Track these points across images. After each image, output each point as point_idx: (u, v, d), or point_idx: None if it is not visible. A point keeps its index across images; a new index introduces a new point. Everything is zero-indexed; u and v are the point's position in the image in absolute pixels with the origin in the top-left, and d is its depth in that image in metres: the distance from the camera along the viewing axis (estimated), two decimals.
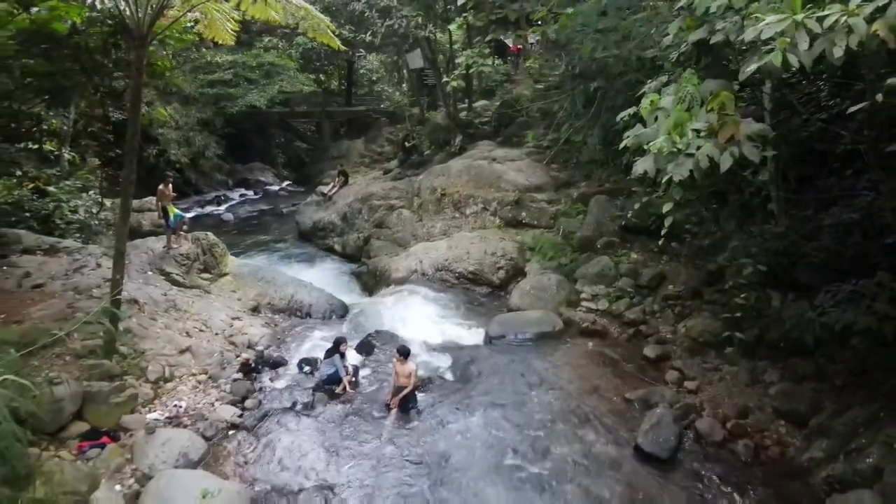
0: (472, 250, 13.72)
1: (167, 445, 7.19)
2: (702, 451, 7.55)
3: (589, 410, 8.28)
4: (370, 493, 6.79)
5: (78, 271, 10.97)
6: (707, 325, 9.81)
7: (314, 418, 8.24)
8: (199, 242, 12.47)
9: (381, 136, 30.84)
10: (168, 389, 8.72)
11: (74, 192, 14.64)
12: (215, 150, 27.92)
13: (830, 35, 4.12)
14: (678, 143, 5.44)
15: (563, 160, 16.36)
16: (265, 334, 10.87)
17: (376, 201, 18.45)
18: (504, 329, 10.59)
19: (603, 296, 11.28)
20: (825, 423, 7.43)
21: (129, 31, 8.08)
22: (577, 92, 12.77)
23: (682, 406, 8.19)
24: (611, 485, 6.92)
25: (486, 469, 7.12)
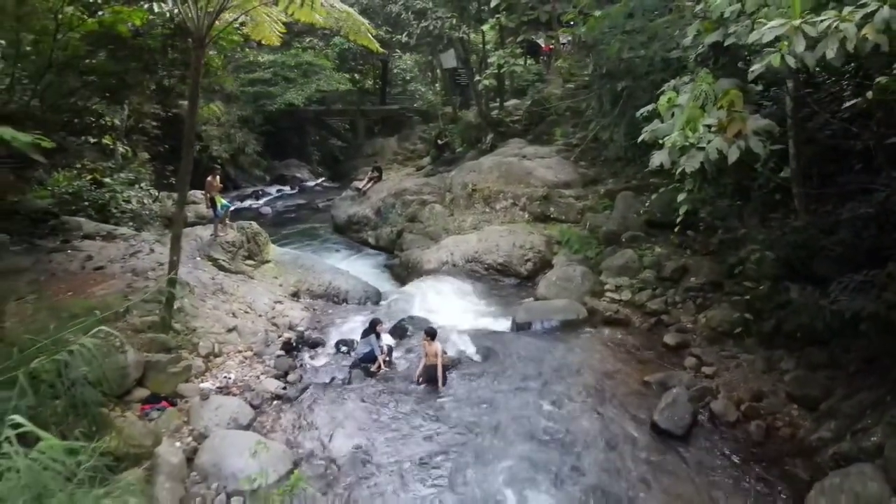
0: (501, 243, 14.27)
1: (219, 410, 7.91)
2: (715, 430, 7.99)
3: (609, 391, 8.77)
4: (400, 457, 7.39)
5: (134, 256, 11.82)
6: (726, 316, 10.19)
7: (351, 392, 8.89)
8: (243, 231, 13.28)
9: (413, 135, 31.49)
10: (217, 363, 9.47)
11: (127, 183, 15.61)
12: (254, 146, 28.89)
13: (825, 39, 4.57)
14: (690, 137, 5.92)
15: (591, 157, 16.80)
16: (305, 317, 11.59)
17: (409, 196, 19.09)
18: (530, 316, 11.12)
19: (626, 287, 11.71)
20: (834, 406, 7.79)
21: (188, 33, 8.83)
22: (604, 91, 13.22)
23: (698, 389, 8.62)
24: (627, 456, 7.41)
25: (509, 437, 7.68)
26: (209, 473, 6.88)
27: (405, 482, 6.97)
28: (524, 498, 6.75)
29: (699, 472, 7.23)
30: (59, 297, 9.18)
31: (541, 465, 7.24)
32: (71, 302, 8.59)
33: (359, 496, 6.79)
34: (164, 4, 10.16)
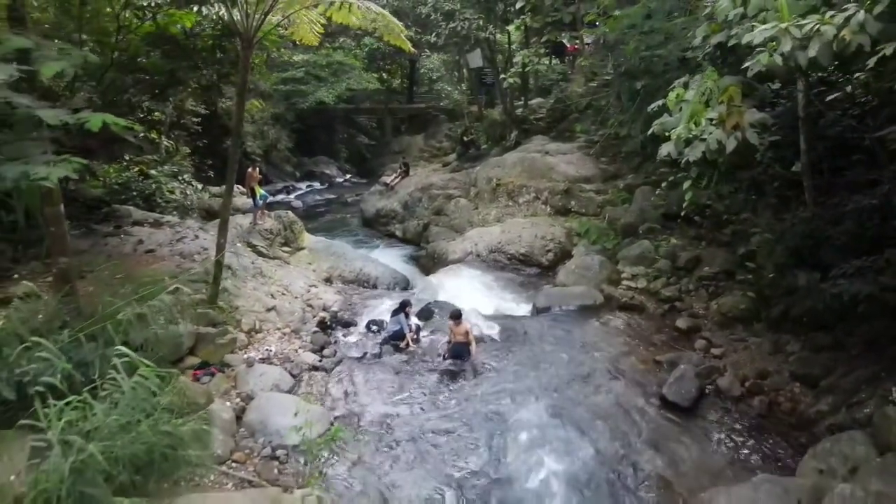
0: (523, 234, 14.91)
1: (263, 377, 8.71)
2: (720, 403, 8.56)
3: (622, 368, 9.38)
4: (425, 422, 8.10)
5: (180, 241, 12.71)
6: (737, 302, 10.71)
7: (381, 365, 9.64)
8: (280, 220, 14.14)
9: (440, 132, 32.23)
10: (259, 338, 10.28)
11: (171, 175, 16.59)
12: (286, 143, 29.89)
13: (811, 40, 5.16)
14: (694, 130, 6.53)
15: (611, 154, 17.36)
16: (337, 300, 12.37)
17: (435, 191, 19.83)
18: (549, 301, 11.76)
19: (642, 275, 12.28)
20: (833, 383, 8.31)
21: (237, 34, 9.63)
22: (623, 89, 13.79)
23: (706, 367, 9.19)
24: (636, 424, 8.03)
25: (526, 408, 8.33)
26: (256, 429, 7.66)
27: (429, 444, 7.67)
28: (540, 460, 7.38)
29: (703, 438, 7.83)
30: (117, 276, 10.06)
31: (556, 432, 7.87)
32: (133, 276, 9.43)
33: (386, 458, 7.50)
34: (212, 7, 10.99)
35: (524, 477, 7.06)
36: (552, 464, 7.26)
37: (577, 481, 6.98)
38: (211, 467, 6.17)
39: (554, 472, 7.09)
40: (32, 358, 5.09)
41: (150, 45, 10.65)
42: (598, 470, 7.16)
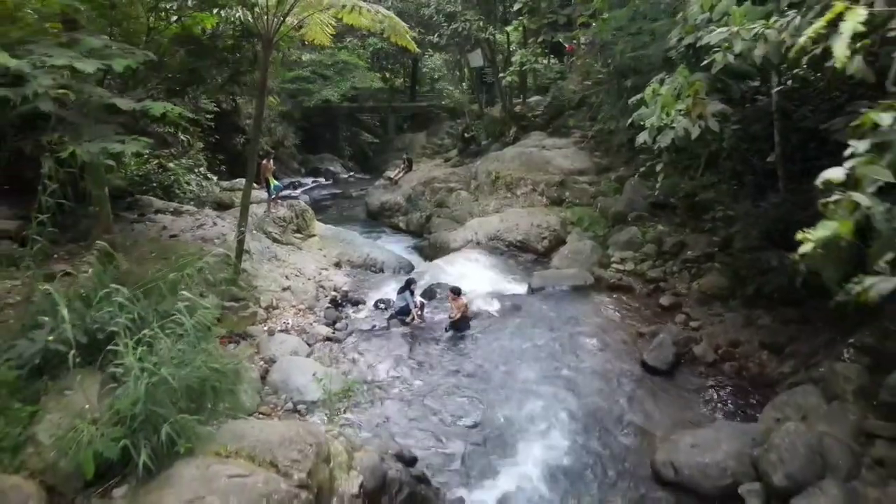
0: (520, 223, 15.86)
1: (283, 344, 9.66)
2: (695, 368, 9.52)
3: (608, 339, 10.34)
4: (430, 384, 9.06)
5: (200, 227, 13.64)
6: (716, 282, 11.64)
7: (389, 337, 10.61)
8: (292, 208, 15.09)
9: (441, 130, 33.16)
10: (276, 314, 11.22)
11: (187, 168, 17.52)
12: (293, 140, 30.81)
13: (758, 42, 6.10)
14: (665, 120, 7.47)
15: (604, 148, 18.30)
16: (347, 281, 13.33)
17: (437, 184, 20.78)
18: (543, 282, 12.71)
19: (630, 259, 13.21)
20: (796, 350, 9.25)
21: (256, 35, 10.55)
22: (612, 87, 14.72)
23: (684, 337, 10.13)
24: (621, 386, 8.99)
25: (520, 371, 9.29)
26: (279, 388, 8.60)
27: (434, 399, 8.64)
28: (531, 414, 8.33)
29: (678, 397, 8.78)
30: (151, 254, 11.01)
31: (547, 390, 8.84)
32: (165, 254, 10.37)
33: (396, 410, 8.44)
34: (232, 10, 11.91)
35: (519, 425, 8.00)
36: (543, 415, 8.20)
37: (565, 430, 7.92)
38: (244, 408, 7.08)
39: (545, 421, 8.03)
40: (99, 309, 6.03)
41: (175, 45, 11.56)
42: (585, 420, 8.10)
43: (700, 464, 6.80)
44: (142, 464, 5.12)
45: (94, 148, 5.24)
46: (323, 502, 5.65)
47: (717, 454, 6.83)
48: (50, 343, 5.57)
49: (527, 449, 7.56)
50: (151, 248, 10.68)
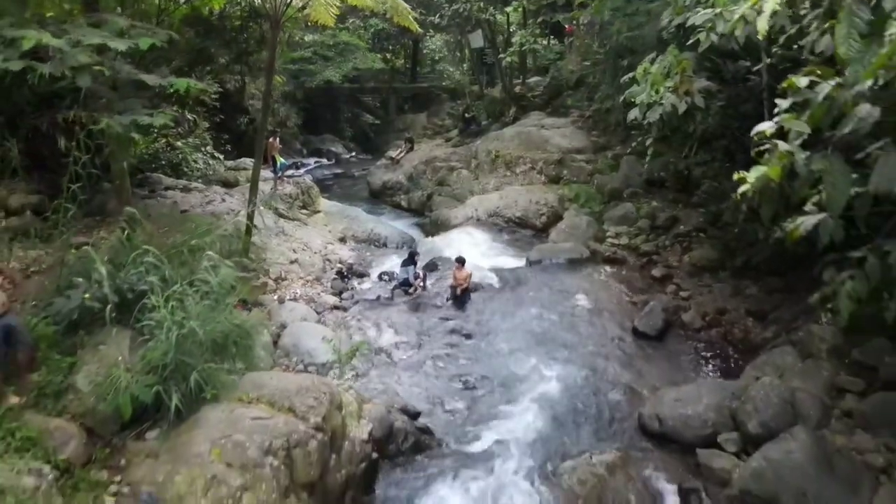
0: (519, 200, 16.34)
1: (293, 311, 10.19)
2: (683, 334, 10.06)
3: (602, 307, 10.86)
4: (433, 348, 9.60)
5: (210, 203, 14.12)
6: (706, 254, 12.14)
7: (393, 306, 11.14)
8: (298, 185, 15.56)
9: (442, 111, 33.41)
10: (285, 285, 11.73)
11: (194, 147, 17.95)
12: (295, 120, 31.12)
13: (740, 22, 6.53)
14: (654, 97, 7.92)
15: (602, 127, 18.74)
16: (352, 255, 13.84)
17: (439, 164, 21.17)
18: (541, 255, 13.22)
19: (624, 233, 13.71)
20: (779, 316, 9.78)
21: (264, 15, 10.94)
22: (609, 67, 15.13)
23: (673, 305, 10.67)
24: (612, 349, 9.54)
25: (518, 336, 9.83)
26: (290, 351, 9.14)
27: (436, 360, 9.20)
28: (527, 374, 8.87)
29: (665, 359, 9.34)
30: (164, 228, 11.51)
31: (543, 352, 9.38)
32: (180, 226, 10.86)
33: (401, 371, 8.99)
34: None
35: (515, 384, 8.55)
36: (539, 375, 8.76)
37: (559, 388, 8.46)
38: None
39: (540, 381, 8.58)
40: (129, 271, 6.56)
41: (184, 25, 11.97)
42: (578, 380, 8.64)
43: (683, 416, 7.35)
44: (173, 407, 5.67)
45: (126, 120, 5.71)
46: (336, 445, 6.21)
47: (699, 407, 7.37)
48: (86, 300, 6.08)
49: (522, 405, 8.10)
50: (166, 221, 11.17)
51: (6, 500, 4.32)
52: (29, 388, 5.86)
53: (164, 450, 5.63)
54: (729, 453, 6.91)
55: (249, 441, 5.51)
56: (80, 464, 5.46)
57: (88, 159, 7.48)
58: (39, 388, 5.88)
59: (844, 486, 6.07)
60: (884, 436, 6.59)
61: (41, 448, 5.22)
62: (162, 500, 5.21)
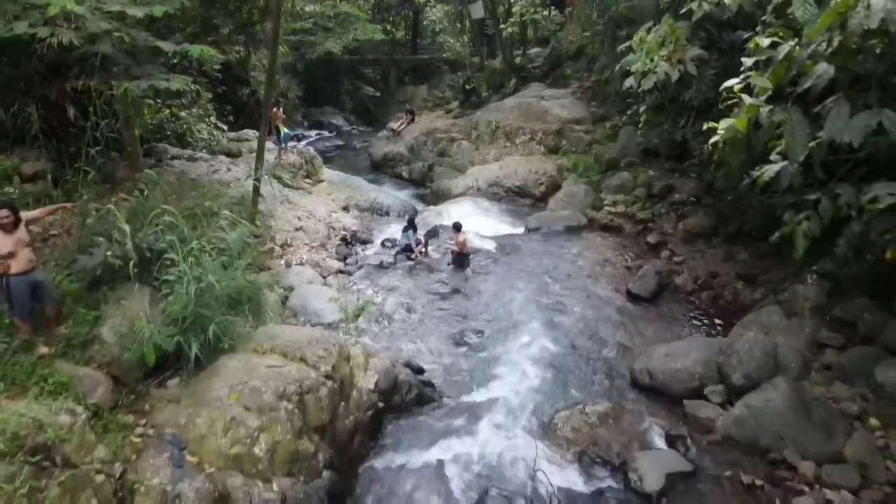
0: (518, 170, 16.63)
1: (299, 275, 10.57)
2: (675, 296, 10.45)
3: (598, 272, 11.25)
4: (434, 309, 9.99)
5: (215, 172, 14.42)
6: (700, 221, 12.47)
7: (396, 270, 11.52)
8: (301, 155, 15.83)
9: (443, 83, 33.49)
10: (291, 251, 12.09)
11: (198, 118, 18.17)
12: (296, 91, 31.18)
13: None
14: (649, 65, 8.19)
15: (601, 98, 18.93)
16: (355, 223, 14.19)
17: (439, 135, 21.40)
18: (539, 223, 13.56)
19: (621, 202, 14.03)
20: (767, 279, 10.15)
21: None
22: (608, 37, 15.29)
23: (667, 270, 11.03)
24: (607, 310, 9.94)
25: (517, 299, 10.22)
26: (298, 311, 9.53)
27: (437, 320, 9.60)
28: (524, 333, 9.27)
29: (658, 320, 9.73)
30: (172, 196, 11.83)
31: (539, 314, 9.78)
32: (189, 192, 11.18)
33: (404, 330, 9.40)
34: None
35: (513, 342, 8.96)
36: (536, 334, 9.16)
37: (555, 346, 8.87)
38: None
39: (537, 339, 8.99)
40: (148, 231, 6.92)
41: None
42: (573, 338, 9.06)
43: (672, 370, 7.76)
44: (193, 356, 6.07)
45: (144, 84, 6.00)
46: (345, 393, 6.63)
47: (688, 361, 7.78)
48: (108, 257, 6.44)
49: (520, 362, 8.50)
50: (176, 188, 11.48)
51: (47, 434, 4.72)
52: (57, 339, 6.25)
53: (185, 395, 6.05)
54: (714, 404, 7.33)
55: (265, 387, 5.93)
56: (107, 408, 5.87)
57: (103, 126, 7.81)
58: (67, 339, 6.27)
59: (820, 431, 6.50)
60: (859, 386, 7.01)
61: (72, 393, 5.63)
62: (185, 440, 5.64)
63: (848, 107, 5.37)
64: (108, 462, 5.12)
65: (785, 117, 5.38)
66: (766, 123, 5.56)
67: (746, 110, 5.37)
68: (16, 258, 5.79)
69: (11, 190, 9.39)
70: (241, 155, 19.94)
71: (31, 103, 8.75)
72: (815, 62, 5.42)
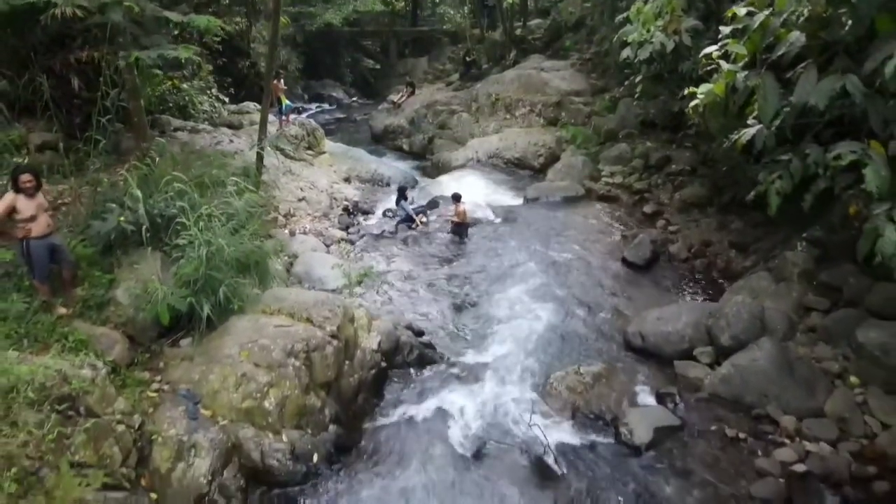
0: (518, 142, 16.80)
1: (303, 243, 10.84)
2: (669, 264, 10.73)
3: (595, 241, 11.52)
4: (435, 276, 10.28)
5: (218, 144, 14.58)
6: (696, 191, 12.68)
7: (397, 239, 11.79)
8: (303, 126, 15.99)
9: (443, 55, 33.35)
10: (294, 220, 12.35)
11: (199, 90, 18.26)
12: (296, 64, 31.12)
13: None
14: (645, 35, 8.36)
15: (601, 69, 19.01)
16: (357, 194, 14.42)
17: (440, 107, 21.49)
18: (538, 193, 13.80)
19: (619, 173, 14.23)
20: (759, 247, 10.41)
21: None
22: (606, 8, 15.36)
23: (662, 238, 11.30)
24: (602, 277, 10.23)
25: (514, 266, 10.51)
26: (302, 278, 9.82)
27: (437, 286, 9.89)
28: (522, 298, 9.56)
29: (652, 286, 10.02)
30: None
31: (536, 281, 10.06)
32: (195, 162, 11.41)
33: (405, 296, 9.69)
34: None
35: (511, 307, 9.25)
36: (533, 299, 9.45)
37: (551, 310, 9.15)
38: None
39: (534, 304, 9.29)
40: (159, 197, 7.18)
41: None
42: (569, 303, 9.35)
43: (663, 332, 8.07)
44: (205, 316, 6.37)
45: (153, 54, 6.20)
46: (349, 352, 6.94)
47: (678, 324, 8.09)
48: (121, 222, 6.71)
49: (517, 326, 8.79)
50: (181, 158, 11.69)
51: (71, 385, 5.03)
52: (74, 300, 6.56)
53: (198, 354, 6.37)
54: (703, 364, 7.65)
55: (274, 345, 6.24)
56: (124, 365, 6.20)
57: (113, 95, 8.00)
58: (84, 300, 6.58)
59: (802, 388, 6.82)
60: (842, 347, 7.32)
61: (91, 350, 5.94)
62: (199, 394, 5.97)
63: (816, 72, 5.71)
64: (127, 414, 5.43)
65: (759, 82, 5.74)
66: (741, 88, 6.00)
67: (724, 76, 5.70)
68: (36, 222, 6.07)
69: (20, 160, 9.62)
70: (242, 127, 20.05)
71: (40, 74, 8.90)
72: (789, 30, 5.74)
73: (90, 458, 4.89)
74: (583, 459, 6.27)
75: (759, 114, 6.03)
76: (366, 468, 6.12)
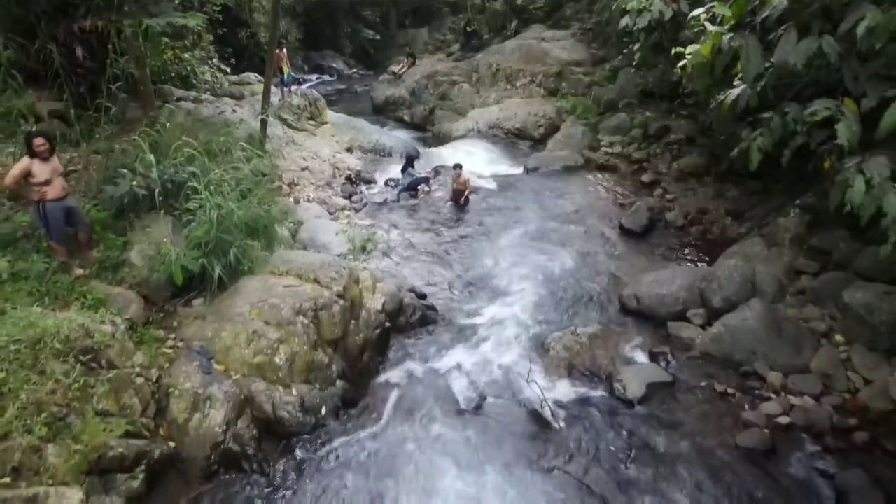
0: (518, 112, 16.91)
1: (308, 211, 11.07)
2: (666, 231, 10.96)
3: (593, 208, 11.74)
4: (436, 243, 10.53)
5: (221, 114, 14.69)
6: (693, 161, 12.87)
7: (400, 207, 12.01)
8: (305, 97, 16.09)
9: (444, 25, 33.23)
10: (298, 189, 12.56)
11: (200, 60, 18.30)
12: (296, 34, 30.97)
13: None
14: (644, 3, 8.48)
15: (601, 40, 19.03)
16: (359, 164, 14.60)
17: (440, 78, 21.52)
18: (538, 163, 13.97)
19: (618, 142, 14.39)
20: (753, 214, 10.65)
21: None
22: None
23: (659, 207, 11.52)
24: (599, 243, 10.48)
25: (513, 233, 10.75)
26: (307, 244, 10.06)
27: (439, 256, 10.12)
28: (521, 263, 9.82)
29: (648, 252, 10.27)
30: None
31: (537, 245, 10.33)
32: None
33: (408, 262, 9.95)
34: None
35: (510, 272, 9.52)
36: (532, 264, 9.71)
37: (549, 275, 9.43)
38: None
39: (533, 269, 9.55)
40: (170, 163, 7.39)
41: None
42: (566, 268, 9.62)
43: (658, 295, 8.33)
44: (217, 276, 6.63)
45: (162, 21, 6.36)
46: (355, 312, 7.22)
47: (673, 287, 8.35)
48: (134, 186, 6.93)
49: (516, 290, 9.07)
50: (187, 126, 11.86)
51: (94, 339, 5.31)
52: (90, 261, 6.81)
53: (210, 312, 6.64)
54: (695, 325, 7.94)
55: (283, 303, 6.51)
56: (140, 323, 6.48)
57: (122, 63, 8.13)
58: (99, 262, 6.84)
59: (790, 346, 7.11)
60: (829, 308, 7.58)
61: (109, 308, 6.21)
62: (212, 350, 6.25)
63: (796, 34, 5.94)
64: (145, 367, 5.73)
65: (742, 43, 5.98)
66: (726, 49, 6.34)
67: (711, 37, 5.93)
68: (51, 185, 6.29)
69: (29, 127, 9.80)
70: (243, 98, 20.08)
71: (49, 42, 9.02)
72: None
73: (112, 407, 5.19)
74: (578, 413, 6.58)
75: (743, 74, 6.31)
76: (371, 421, 6.43)
